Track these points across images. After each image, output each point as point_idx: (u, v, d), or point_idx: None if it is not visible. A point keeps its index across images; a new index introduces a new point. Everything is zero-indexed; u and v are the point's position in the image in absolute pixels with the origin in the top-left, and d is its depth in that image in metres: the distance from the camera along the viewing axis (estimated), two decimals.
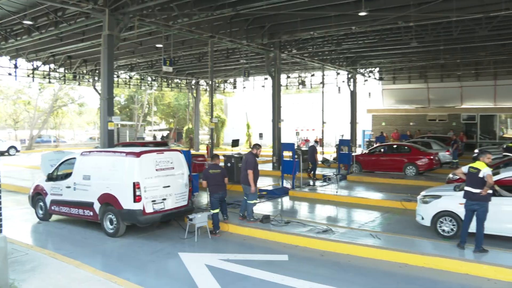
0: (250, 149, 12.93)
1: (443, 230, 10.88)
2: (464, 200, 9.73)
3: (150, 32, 21.64)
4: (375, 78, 39.04)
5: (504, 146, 20.32)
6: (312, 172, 20.29)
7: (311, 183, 19.53)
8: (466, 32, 21.32)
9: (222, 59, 29.29)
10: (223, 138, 49.51)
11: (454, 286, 8.07)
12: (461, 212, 10.23)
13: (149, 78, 41.85)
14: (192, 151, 25.19)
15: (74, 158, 12.67)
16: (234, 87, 45.95)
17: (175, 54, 26.29)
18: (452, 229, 10.75)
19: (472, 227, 9.42)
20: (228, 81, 45.22)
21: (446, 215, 10.87)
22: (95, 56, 29.25)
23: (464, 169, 9.74)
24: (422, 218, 11.38)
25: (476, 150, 22.81)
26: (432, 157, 22.05)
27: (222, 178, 11.90)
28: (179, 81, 43.98)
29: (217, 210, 11.77)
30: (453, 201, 10.76)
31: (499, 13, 17.07)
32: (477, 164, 9.46)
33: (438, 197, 11.23)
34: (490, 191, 9.27)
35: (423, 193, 11.88)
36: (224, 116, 53.20)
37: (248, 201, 12.43)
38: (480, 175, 9.26)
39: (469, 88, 36.75)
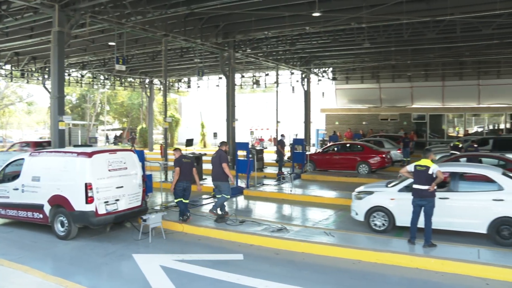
0: (218, 147, 12.99)
1: (375, 225, 11.46)
2: (395, 195, 10.80)
3: (103, 30, 21.19)
4: (328, 78, 39.59)
5: (452, 144, 21.02)
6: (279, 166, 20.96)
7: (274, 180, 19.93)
8: (416, 34, 21.96)
9: (176, 58, 29.01)
10: (177, 138, 49.04)
11: (405, 280, 8.31)
12: (391, 207, 11.13)
13: (102, 77, 40.90)
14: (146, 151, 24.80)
15: (23, 159, 12.23)
16: (189, 87, 45.59)
17: (128, 52, 25.81)
18: (383, 224, 11.35)
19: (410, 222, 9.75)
20: (183, 80, 44.82)
21: (378, 210, 11.45)
22: (45, 53, 28.27)
23: (409, 168, 10.00)
24: (356, 214, 11.90)
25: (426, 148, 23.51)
26: (384, 155, 22.59)
27: (191, 168, 12.49)
28: (133, 80, 43.23)
29: (180, 199, 12.28)
30: (385, 196, 11.45)
31: (445, 18, 17.77)
32: (424, 162, 9.79)
33: (371, 193, 11.80)
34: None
35: (357, 189, 12.44)
36: (179, 115, 52.74)
37: (218, 196, 12.53)
38: (430, 172, 9.61)
39: (419, 88, 37.91)
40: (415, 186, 9.76)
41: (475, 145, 19.83)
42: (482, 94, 36.05)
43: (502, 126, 36.19)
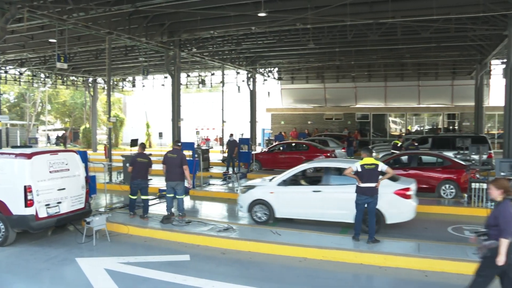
0: (174, 147, 12.92)
1: (257, 216, 12.30)
2: (274, 189, 11.93)
3: (42, 26, 20.49)
4: (274, 78, 39.91)
5: (398, 144, 21.76)
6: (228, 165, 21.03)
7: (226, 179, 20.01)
8: (359, 36, 22.56)
9: (121, 56, 28.44)
10: (122, 138, 48.07)
11: (350, 275, 8.53)
12: (271, 200, 12.04)
13: (42, 75, 39.45)
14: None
15: None
16: (133, 86, 44.85)
17: (70, 50, 25.09)
18: (264, 215, 12.30)
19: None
20: (127, 80, 44.05)
21: (259, 203, 12.28)
22: None
23: (354, 167, 10.10)
24: (241, 207, 12.69)
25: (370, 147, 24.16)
26: (329, 154, 23.02)
27: (147, 167, 12.63)
28: (75, 79, 41.98)
29: (134, 197, 12.56)
30: (265, 190, 12.28)
31: (387, 20, 18.35)
32: (371, 161, 10.04)
33: (253, 187, 12.59)
34: None
35: (242, 184, 13.33)
36: (123, 115, 51.66)
37: (178, 197, 12.44)
38: (379, 169, 9.92)
39: (363, 88, 38.91)
40: (363, 185, 9.92)
41: (415, 144, 20.59)
42: (422, 95, 37.50)
43: (440, 125, 37.78)
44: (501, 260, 6.11)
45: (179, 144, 13.12)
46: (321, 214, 11.82)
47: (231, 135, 23.33)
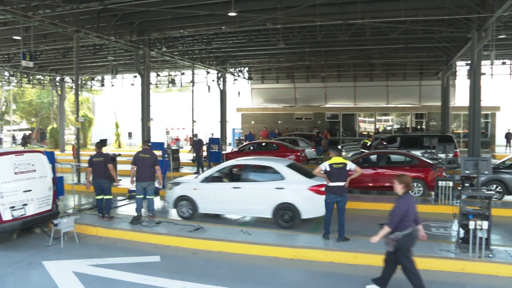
0: (145, 147, 12.83)
1: (182, 212, 12.81)
2: (197, 186, 12.39)
3: (6, 22, 19.97)
4: (244, 78, 39.91)
5: (368, 143, 22.03)
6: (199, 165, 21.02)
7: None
8: (329, 36, 22.75)
9: (89, 55, 27.94)
10: (90, 138, 47.30)
11: (320, 274, 8.57)
12: (194, 196, 12.64)
13: (7, 73, 38.50)
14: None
15: None
16: (102, 85, 44.13)
17: (36, 48, 24.54)
18: (188, 211, 12.80)
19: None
20: (96, 79, 43.35)
21: (184, 199, 12.77)
22: None
23: (323, 167, 10.17)
24: (168, 203, 13.13)
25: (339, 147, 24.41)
26: (299, 153, 23.16)
27: (105, 166, 12.30)
28: (42, 78, 41.06)
29: (99, 197, 12.36)
30: (189, 187, 12.79)
31: (356, 21, 18.57)
32: (339, 160, 10.13)
33: (179, 184, 13.07)
34: None
35: (169, 181, 13.69)
36: (92, 115, 50.87)
37: (149, 197, 12.36)
38: (347, 168, 10.00)
39: (332, 88, 39.28)
40: (332, 184, 9.98)
41: (384, 143, 20.90)
42: (391, 95, 38.10)
43: (408, 124, 38.45)
44: (373, 239, 7.19)
45: (149, 144, 13.01)
46: (241, 209, 12.51)
47: (195, 135, 23.14)
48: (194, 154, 23.94)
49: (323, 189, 11.01)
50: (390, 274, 7.45)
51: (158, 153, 17.99)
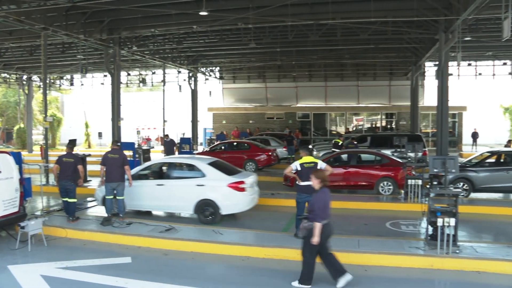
0: (114, 148, 12.67)
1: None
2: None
3: None
4: (215, 77, 39.84)
5: (339, 143, 22.23)
6: None
7: None
8: (300, 36, 22.88)
9: (58, 53, 27.40)
10: (59, 138, 46.43)
11: (292, 273, 8.58)
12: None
13: None
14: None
15: None
16: (71, 84, 43.40)
17: (1, 45, 23.97)
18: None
19: None
20: (65, 78, 42.61)
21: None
22: None
23: (294, 166, 10.28)
24: (97, 200, 13.55)
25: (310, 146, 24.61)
26: (270, 153, 23.21)
27: (74, 167, 12.02)
28: (8, 76, 39.98)
29: (65, 198, 12.04)
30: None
31: (327, 22, 18.71)
32: (310, 159, 10.22)
33: None
34: None
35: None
36: (61, 114, 49.96)
37: (119, 198, 12.19)
38: (318, 167, 10.07)
39: (304, 88, 39.54)
40: (303, 183, 10.05)
41: (355, 142, 21.14)
42: (361, 95, 38.57)
43: (378, 124, 38.98)
44: (315, 240, 7.44)
45: (119, 144, 12.86)
46: (165, 206, 12.94)
47: (167, 135, 22.93)
48: (165, 155, 23.74)
49: (241, 186, 11.87)
50: (335, 262, 7.86)
51: (128, 153, 17.85)
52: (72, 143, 13.69)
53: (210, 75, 38.61)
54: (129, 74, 40.09)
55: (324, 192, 7.76)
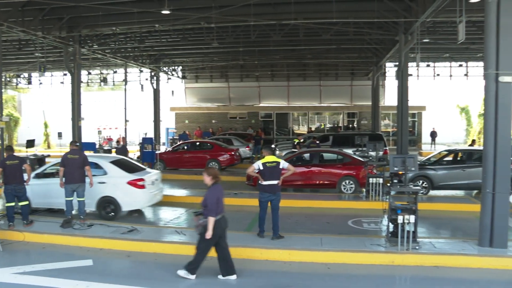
0: (73, 148, 12.32)
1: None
2: (31, 181, 12.03)
3: None
4: (178, 77, 39.57)
5: (295, 142, 22.36)
6: None
7: None
8: (263, 36, 22.97)
9: (14, 51, 26.61)
10: (16, 139, 45.10)
11: (256, 272, 8.62)
12: (27, 191, 12.06)
13: None
14: None
15: None
16: (29, 83, 42.21)
17: None
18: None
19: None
20: (22, 76, 41.45)
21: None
22: None
23: (256, 166, 10.28)
24: (3, 199, 12.93)
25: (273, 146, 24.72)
26: (233, 153, 23.21)
27: (20, 169, 11.53)
28: None
29: (12, 204, 11.32)
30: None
31: (289, 22, 18.86)
32: (272, 158, 10.28)
33: None
34: None
35: None
36: (18, 114, 48.51)
37: (79, 199, 11.85)
38: (280, 166, 10.13)
39: (266, 88, 39.70)
40: (266, 182, 10.08)
41: (317, 142, 21.34)
42: (323, 94, 39.01)
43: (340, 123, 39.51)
44: (208, 234, 7.73)
45: (78, 144, 12.60)
46: (55, 203, 12.81)
47: (118, 142, 22.43)
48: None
49: (140, 183, 12.19)
50: (229, 259, 8.22)
51: (89, 153, 17.50)
52: (29, 143, 13.33)
53: (172, 75, 38.31)
54: (90, 73, 39.38)
55: (216, 188, 8.07)
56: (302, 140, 22.43)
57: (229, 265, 8.16)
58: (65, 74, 37.77)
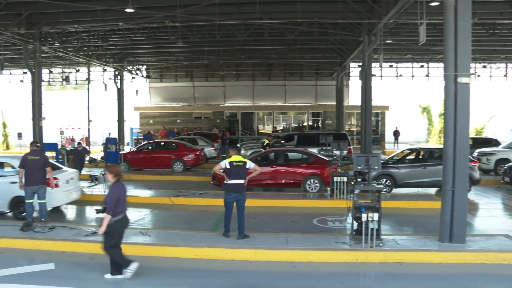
0: (33, 148, 11.92)
1: None
2: None
3: None
4: (142, 76, 39.18)
5: (265, 143, 22.43)
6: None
7: None
8: (228, 35, 22.94)
9: None
10: None
11: (222, 272, 8.60)
12: None
13: None
14: None
15: None
16: None
17: None
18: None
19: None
20: None
21: None
22: None
23: (223, 164, 10.23)
24: None
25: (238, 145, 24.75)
26: (198, 153, 23.13)
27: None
28: None
29: None
30: None
31: (255, 22, 18.91)
32: (239, 158, 10.27)
33: None
34: None
35: None
36: None
37: (40, 201, 11.53)
38: (247, 166, 10.13)
39: (231, 87, 39.71)
40: (232, 181, 10.07)
41: (282, 141, 21.43)
42: (288, 94, 39.29)
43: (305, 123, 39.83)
44: (101, 230, 7.80)
45: (38, 145, 12.29)
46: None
47: (79, 143, 21.95)
48: (91, 155, 22.93)
49: (55, 182, 12.18)
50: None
51: (51, 154, 17.12)
52: None
53: (136, 74, 37.89)
54: (51, 72, 38.55)
55: (118, 186, 8.02)
56: (272, 141, 22.51)
57: (119, 264, 8.17)
58: (25, 73, 36.81)
